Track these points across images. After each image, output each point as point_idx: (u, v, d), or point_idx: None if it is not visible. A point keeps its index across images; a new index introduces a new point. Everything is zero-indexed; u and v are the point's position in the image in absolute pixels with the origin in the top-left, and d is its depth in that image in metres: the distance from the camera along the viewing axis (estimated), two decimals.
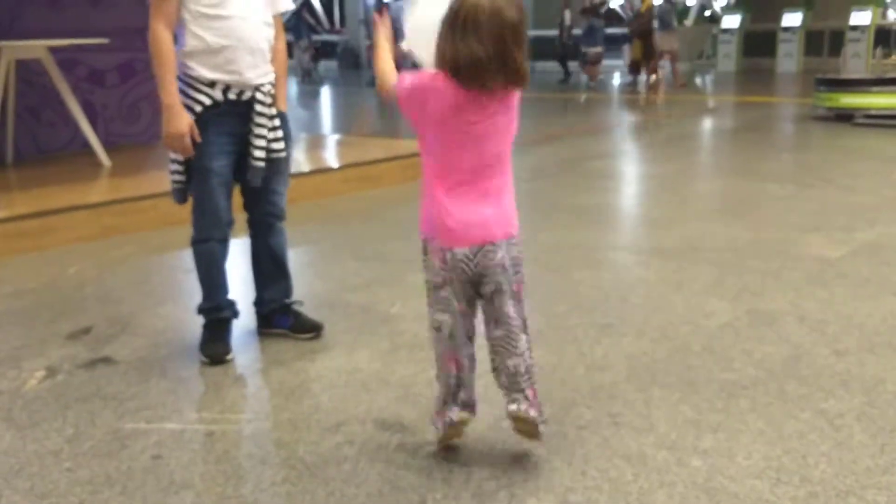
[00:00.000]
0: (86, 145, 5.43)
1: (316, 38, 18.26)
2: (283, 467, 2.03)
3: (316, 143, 7.48)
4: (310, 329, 2.84)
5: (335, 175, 5.43)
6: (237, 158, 2.62)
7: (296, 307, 2.88)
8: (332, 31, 23.86)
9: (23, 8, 5.71)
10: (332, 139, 8.33)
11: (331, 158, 6.51)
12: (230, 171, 2.62)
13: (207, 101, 2.51)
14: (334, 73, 19.10)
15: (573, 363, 2.57)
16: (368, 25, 15.77)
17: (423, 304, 3.05)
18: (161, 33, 2.45)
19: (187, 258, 3.24)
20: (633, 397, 2.33)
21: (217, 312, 2.72)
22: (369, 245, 4.09)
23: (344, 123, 10.85)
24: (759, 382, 2.41)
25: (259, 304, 2.87)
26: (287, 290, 2.87)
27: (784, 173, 6.07)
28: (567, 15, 15.75)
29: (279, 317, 2.86)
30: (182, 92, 2.50)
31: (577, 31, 15.58)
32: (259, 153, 2.60)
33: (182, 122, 2.46)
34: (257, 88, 2.57)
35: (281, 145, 2.68)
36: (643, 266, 3.69)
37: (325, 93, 15.35)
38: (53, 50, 5.11)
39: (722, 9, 21.27)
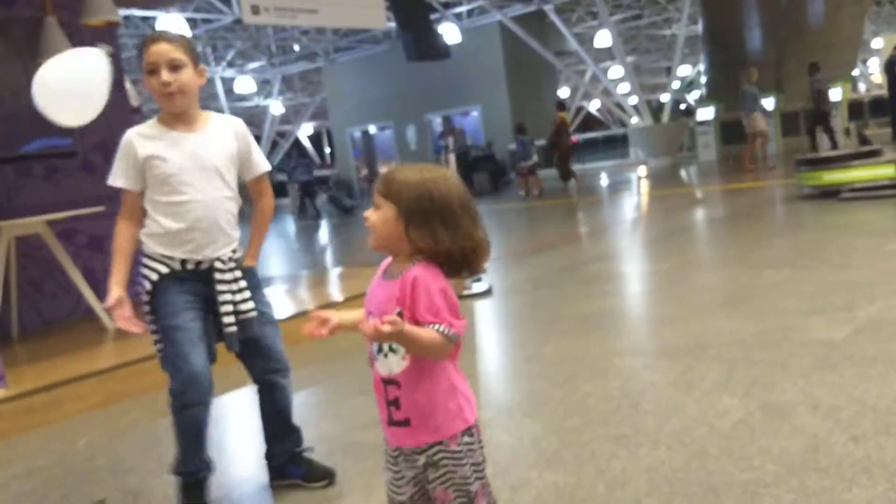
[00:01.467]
0: (89, 311, 5.51)
1: (308, 177, 18.79)
2: None
3: (317, 279, 7.59)
4: (322, 477, 2.80)
5: (337, 309, 5.47)
6: (211, 319, 2.62)
7: (307, 454, 2.85)
8: (323, 166, 24.56)
9: (20, 185, 5.93)
10: (332, 273, 8.44)
11: (331, 292, 6.59)
12: (200, 328, 2.58)
13: (164, 270, 2.56)
14: (329, 207, 19.51)
15: (593, 482, 2.53)
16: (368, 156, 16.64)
17: None
18: (119, 224, 2.60)
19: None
20: None
21: (196, 475, 2.68)
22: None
23: (342, 255, 11.01)
24: (780, 479, 2.37)
25: (270, 457, 2.85)
26: (297, 441, 2.85)
27: (779, 258, 6.13)
28: (450, 140, 17.15)
29: (291, 467, 2.83)
30: (142, 264, 2.57)
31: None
32: (228, 318, 2.60)
33: (109, 299, 2.54)
34: (216, 259, 2.60)
35: (249, 304, 2.66)
36: (651, 370, 3.68)
37: (322, 227, 15.64)
38: (52, 223, 5.27)
39: (696, 102, 21.98)
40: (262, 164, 2.77)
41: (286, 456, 2.82)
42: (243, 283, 2.66)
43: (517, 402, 3.47)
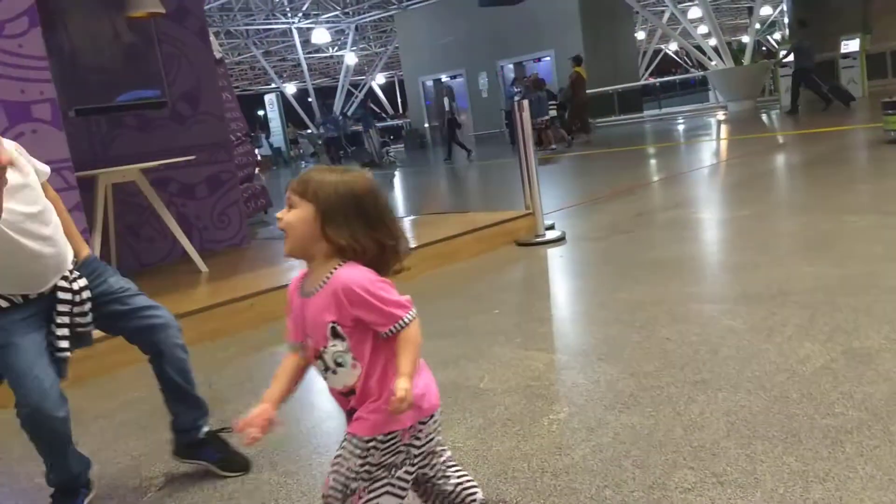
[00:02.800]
0: (183, 255, 5.78)
1: (382, 125, 19.03)
2: None
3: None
4: (239, 467, 2.66)
5: (413, 255, 5.57)
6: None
7: (225, 434, 2.71)
8: (396, 116, 24.70)
9: (114, 135, 6.19)
10: (406, 221, 8.54)
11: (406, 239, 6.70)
12: (41, 343, 2.38)
13: (4, 304, 2.36)
14: (402, 156, 19.62)
15: (670, 424, 2.56)
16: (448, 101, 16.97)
17: (513, 376, 3.14)
18: None
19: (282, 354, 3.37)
20: (736, 454, 2.31)
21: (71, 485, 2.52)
22: (452, 320, 4.19)
23: (416, 203, 11.12)
24: (863, 425, 2.36)
25: (178, 429, 2.71)
26: (204, 412, 2.72)
27: (863, 203, 5.93)
28: (446, 102, 17.41)
29: (206, 449, 2.68)
30: None
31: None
32: (63, 343, 2.41)
33: None
34: (56, 285, 2.42)
35: (88, 318, 2.49)
36: (730, 315, 3.66)
37: (396, 176, 15.76)
38: (146, 171, 5.50)
39: (778, 43, 21.03)
40: (44, 170, 2.51)
41: (196, 430, 2.69)
42: (86, 294, 2.49)
43: (592, 346, 3.50)
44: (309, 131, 27.32)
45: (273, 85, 32.57)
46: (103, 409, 3.56)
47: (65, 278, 2.44)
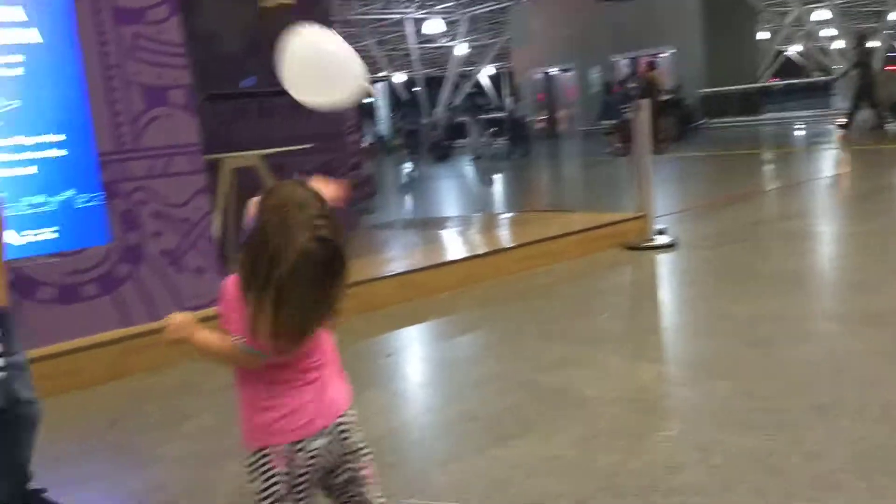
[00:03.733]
0: None
1: (486, 116, 19.04)
2: None
3: (491, 222, 7.71)
4: None
5: (513, 254, 5.54)
6: None
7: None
8: (501, 108, 24.69)
9: (236, 121, 6.43)
10: (507, 217, 8.51)
11: (507, 237, 6.67)
12: None
13: None
14: (505, 149, 19.56)
15: (788, 450, 2.45)
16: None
17: (619, 386, 3.08)
18: None
19: (384, 342, 3.40)
20: (857, 487, 2.19)
21: None
22: (553, 323, 4.14)
23: (518, 200, 11.06)
24: None
25: None
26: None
27: None
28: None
29: None
30: None
31: None
32: None
33: None
34: None
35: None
36: (854, 336, 3.47)
37: (497, 171, 15.73)
38: (265, 157, 5.68)
39: None
40: None
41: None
42: None
43: (705, 359, 3.40)
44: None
45: (382, 74, 33.06)
46: None
47: None
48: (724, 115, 21.20)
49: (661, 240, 5.98)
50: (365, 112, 33.31)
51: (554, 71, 26.67)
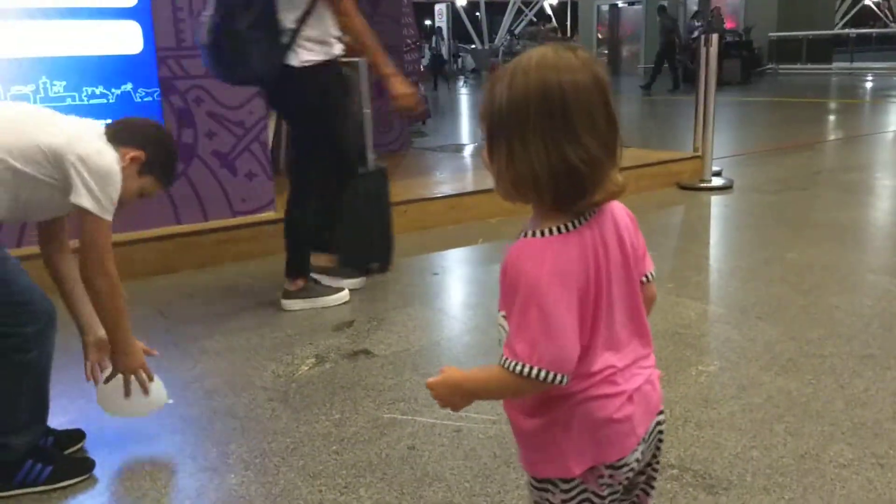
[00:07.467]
0: None
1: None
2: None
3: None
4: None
5: None
6: None
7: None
8: (567, 40, 24.06)
9: None
10: None
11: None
12: None
13: None
14: None
15: (831, 395, 2.42)
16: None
17: (661, 321, 3.04)
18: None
19: (432, 261, 3.39)
20: None
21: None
22: None
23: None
24: None
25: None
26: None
27: None
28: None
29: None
30: None
31: None
32: None
33: None
34: None
35: None
36: None
37: None
38: None
39: None
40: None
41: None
42: None
43: (752, 303, 3.33)
44: (473, 46, 27.15)
45: None
46: None
47: None
48: (794, 62, 20.46)
49: (718, 181, 5.85)
50: (426, 33, 32.77)
51: (621, 4, 25.82)
